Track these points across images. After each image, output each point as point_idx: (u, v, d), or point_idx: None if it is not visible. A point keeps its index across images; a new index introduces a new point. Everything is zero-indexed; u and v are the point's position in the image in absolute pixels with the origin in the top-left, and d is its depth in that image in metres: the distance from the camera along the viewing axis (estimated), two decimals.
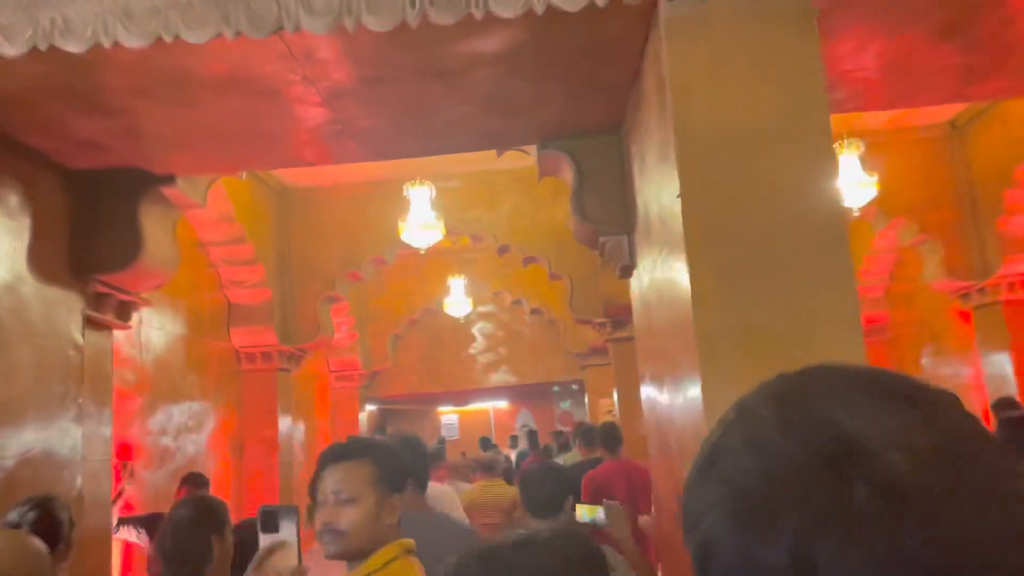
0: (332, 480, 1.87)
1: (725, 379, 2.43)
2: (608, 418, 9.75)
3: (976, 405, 6.86)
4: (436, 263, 10.20)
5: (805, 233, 2.54)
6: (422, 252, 6.02)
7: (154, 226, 4.21)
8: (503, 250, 7.30)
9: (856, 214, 6.23)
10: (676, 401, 2.97)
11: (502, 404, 16.64)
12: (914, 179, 7.01)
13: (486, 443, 12.63)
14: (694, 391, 2.57)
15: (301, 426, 8.99)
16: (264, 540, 2.24)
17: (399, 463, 2.00)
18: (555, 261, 7.14)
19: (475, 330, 11.28)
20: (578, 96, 3.60)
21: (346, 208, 7.35)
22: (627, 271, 4.09)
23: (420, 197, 5.89)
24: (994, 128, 6.69)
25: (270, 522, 2.24)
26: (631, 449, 6.69)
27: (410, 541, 1.91)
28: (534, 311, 10.55)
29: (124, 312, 4.45)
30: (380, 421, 16.17)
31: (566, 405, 16.24)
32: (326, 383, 10.14)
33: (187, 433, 6.03)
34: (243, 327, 6.93)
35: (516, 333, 11.17)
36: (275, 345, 7.02)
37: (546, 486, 2.97)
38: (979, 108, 6.65)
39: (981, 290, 7.13)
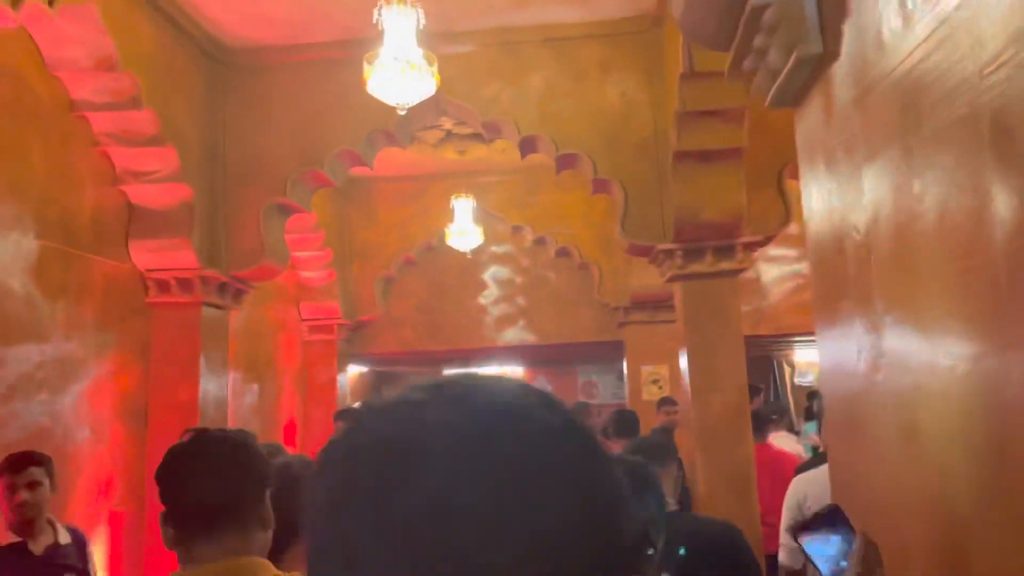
0: None
1: None
2: (653, 388, 7.62)
3: None
4: (439, 187, 7.98)
5: None
6: (401, 111, 3.78)
7: None
8: (528, 145, 5.06)
9: None
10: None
11: (517, 370, 14.49)
12: None
13: None
14: None
15: (254, 388, 6.90)
16: None
17: None
18: (603, 161, 4.90)
19: (487, 276, 9.05)
20: None
21: (303, 79, 5.15)
22: (802, 80, 1.88)
23: (401, 21, 3.60)
24: None
25: None
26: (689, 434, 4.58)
27: None
28: (561, 252, 8.31)
29: None
30: (375, 386, 14.03)
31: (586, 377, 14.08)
32: (295, 335, 8.01)
33: (33, 391, 3.91)
34: (147, 240, 4.78)
35: (538, 280, 8.91)
36: (195, 269, 4.88)
37: None
38: None
39: None
